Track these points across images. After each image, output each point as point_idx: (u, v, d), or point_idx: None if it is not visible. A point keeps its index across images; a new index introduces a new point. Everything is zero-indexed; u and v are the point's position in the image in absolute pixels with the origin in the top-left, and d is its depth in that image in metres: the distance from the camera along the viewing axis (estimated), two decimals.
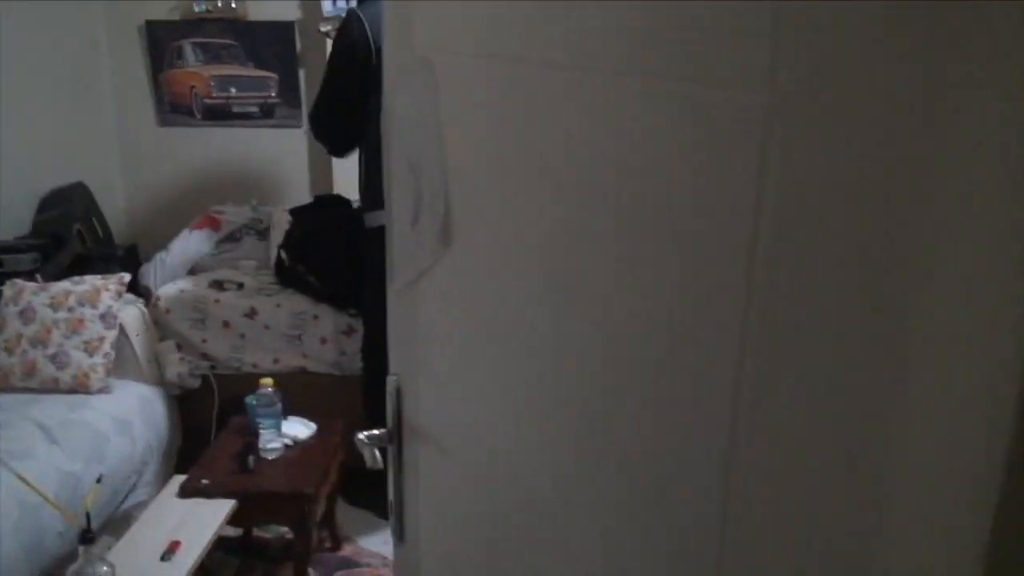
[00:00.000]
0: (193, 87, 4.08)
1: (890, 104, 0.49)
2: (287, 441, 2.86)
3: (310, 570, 2.86)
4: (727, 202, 0.58)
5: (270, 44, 4.00)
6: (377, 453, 1.18)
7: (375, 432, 1.19)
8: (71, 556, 2.18)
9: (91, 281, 3.19)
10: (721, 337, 0.60)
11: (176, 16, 3.99)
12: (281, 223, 3.73)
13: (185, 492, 2.61)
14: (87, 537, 2.08)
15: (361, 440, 1.17)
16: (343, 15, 2.93)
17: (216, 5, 3.93)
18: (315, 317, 3.42)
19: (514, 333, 0.87)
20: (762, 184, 0.55)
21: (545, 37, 0.75)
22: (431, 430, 1.09)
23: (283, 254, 3.55)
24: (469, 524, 1.06)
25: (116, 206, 4.08)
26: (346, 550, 3.07)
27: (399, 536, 1.23)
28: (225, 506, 2.55)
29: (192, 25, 3.99)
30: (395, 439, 1.17)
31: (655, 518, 0.71)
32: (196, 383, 3.43)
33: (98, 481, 2.47)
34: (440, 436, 1.07)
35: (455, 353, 1.00)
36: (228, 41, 4.02)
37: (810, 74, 0.52)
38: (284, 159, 4.16)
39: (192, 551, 2.33)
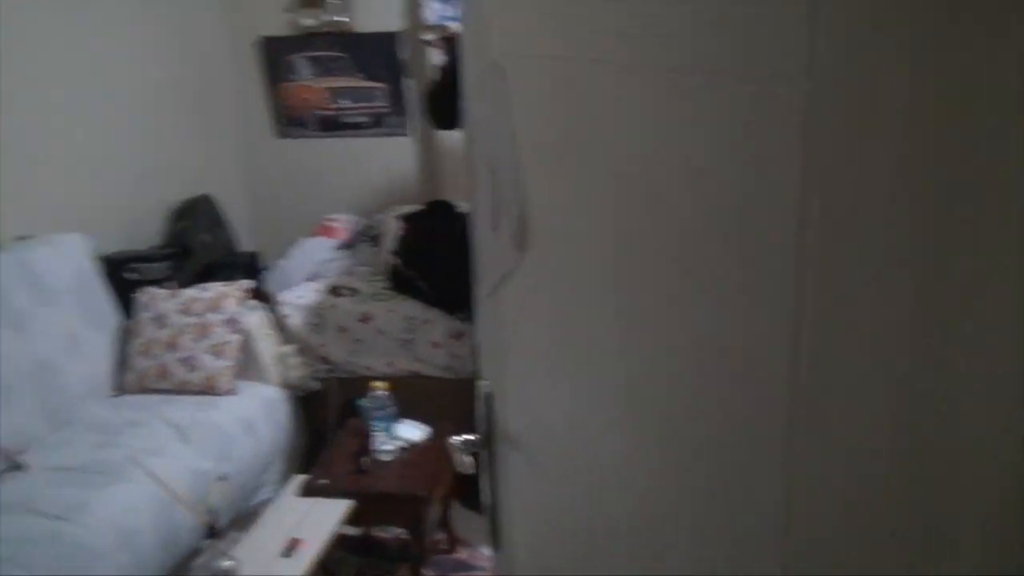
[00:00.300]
0: (307, 99, 4.24)
1: (924, 90, 0.46)
2: (401, 443, 2.92)
3: (426, 572, 2.91)
4: (775, 196, 0.56)
5: (376, 55, 4.11)
6: (470, 458, 1.19)
7: (469, 437, 1.19)
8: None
9: (216, 288, 3.36)
10: (777, 334, 0.58)
11: (288, 31, 4.16)
12: (392, 229, 3.82)
13: (305, 491, 2.70)
14: (212, 532, 2.20)
15: (453, 444, 1.18)
16: (444, 24, 2.98)
17: (323, 20, 4.07)
18: (426, 322, 3.47)
19: (590, 340, 0.84)
20: (807, 175, 0.53)
21: (610, 37, 0.73)
22: (520, 437, 1.08)
23: (395, 260, 3.63)
24: (561, 534, 1.04)
25: (238, 216, 4.29)
26: (462, 553, 3.10)
27: (495, 543, 1.22)
28: (343, 506, 2.62)
29: (303, 40, 4.15)
30: (488, 445, 1.17)
31: (727, 523, 0.68)
32: (316, 385, 3.55)
33: (221, 479, 2.59)
34: (528, 444, 1.05)
35: (537, 360, 0.98)
36: (337, 53, 4.16)
37: (846, 63, 0.50)
38: (394, 166, 4.26)
39: (312, 549, 2.41)
